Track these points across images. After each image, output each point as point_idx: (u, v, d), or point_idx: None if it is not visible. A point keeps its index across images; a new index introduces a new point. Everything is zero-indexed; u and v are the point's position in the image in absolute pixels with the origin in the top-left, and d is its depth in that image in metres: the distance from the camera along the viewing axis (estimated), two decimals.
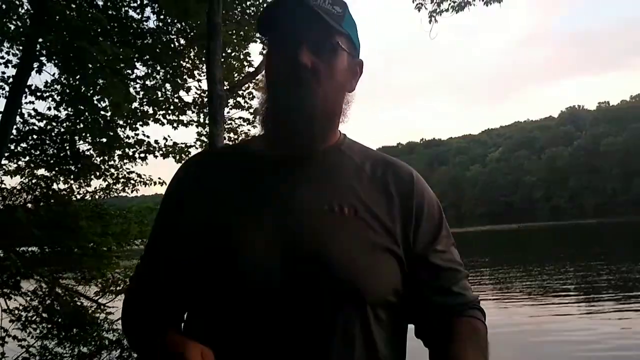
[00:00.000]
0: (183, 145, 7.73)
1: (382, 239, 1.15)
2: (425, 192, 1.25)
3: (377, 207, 1.18)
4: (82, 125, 7.22)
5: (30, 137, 7.17)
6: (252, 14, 7.84)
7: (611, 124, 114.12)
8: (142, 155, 7.56)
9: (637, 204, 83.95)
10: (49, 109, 7.11)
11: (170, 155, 7.66)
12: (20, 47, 6.81)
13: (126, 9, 7.38)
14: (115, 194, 7.93)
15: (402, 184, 1.23)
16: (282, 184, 1.18)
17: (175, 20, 7.53)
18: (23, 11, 6.96)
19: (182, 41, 7.84)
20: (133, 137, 7.53)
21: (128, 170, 7.77)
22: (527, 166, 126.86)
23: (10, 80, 6.83)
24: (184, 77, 7.90)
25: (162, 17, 7.53)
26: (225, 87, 5.41)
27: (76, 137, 7.22)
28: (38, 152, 7.24)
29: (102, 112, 7.18)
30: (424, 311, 1.20)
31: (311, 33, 1.14)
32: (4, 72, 7.11)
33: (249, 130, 8.68)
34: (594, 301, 12.33)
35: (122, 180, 7.75)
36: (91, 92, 6.94)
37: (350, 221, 1.15)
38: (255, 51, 23.17)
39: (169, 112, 7.83)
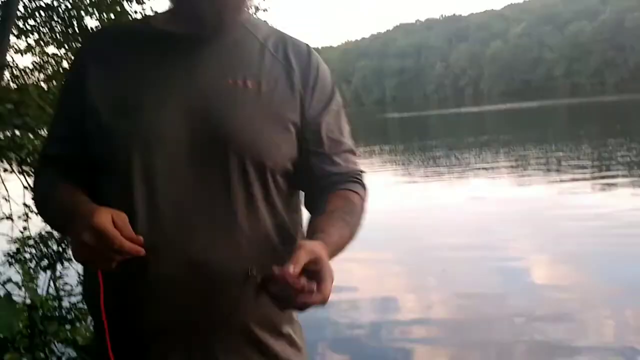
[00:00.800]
0: None
1: (284, 111, 1.23)
2: (319, 65, 1.32)
3: (279, 80, 1.25)
4: (88, 1, 6.99)
5: (37, 14, 6.99)
6: None
7: None
8: None
9: None
10: None
11: None
12: None
13: None
14: None
15: (300, 57, 1.30)
16: (187, 58, 1.22)
17: None
18: None
19: None
20: (141, 12, 7.30)
21: None
22: (549, 42, 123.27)
23: None
24: None
25: None
26: None
27: (83, 13, 7.02)
28: (46, 30, 7.09)
29: None
30: (308, 178, 1.29)
31: None
32: None
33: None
34: (610, 178, 12.35)
35: None
36: None
37: (254, 94, 1.21)
38: None
39: None
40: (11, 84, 6.86)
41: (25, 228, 4.94)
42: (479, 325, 5.06)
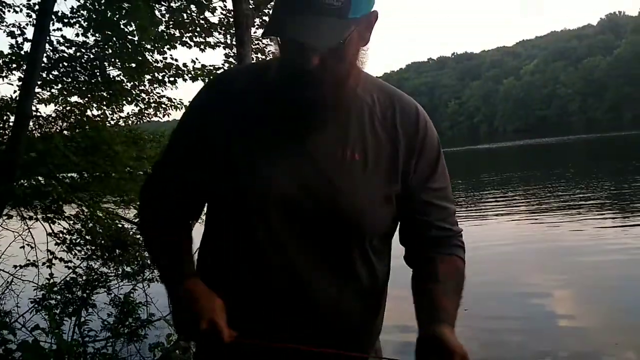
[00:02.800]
0: (211, 68, 7.67)
1: (387, 183, 1.29)
2: (428, 129, 1.35)
3: (385, 151, 1.29)
4: (110, 51, 7.20)
5: (61, 65, 7.19)
6: None
7: None
8: (172, 79, 7.53)
9: None
10: (77, 35, 7.08)
11: (199, 78, 7.61)
12: None
13: None
14: (148, 119, 8.03)
15: (408, 121, 1.33)
16: (301, 125, 1.26)
17: None
18: None
19: None
20: (161, 61, 7.50)
21: (159, 95, 7.80)
22: (563, 78, 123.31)
23: (37, 7, 6.78)
24: None
25: None
26: (251, 6, 5.29)
27: (106, 63, 7.22)
28: (70, 79, 7.28)
29: (129, 37, 7.12)
30: (414, 241, 1.39)
31: (318, 34, 1.12)
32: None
33: (276, 50, 8.51)
34: (630, 216, 12.21)
35: (153, 104, 7.80)
36: (117, 16, 6.86)
37: (361, 167, 1.26)
38: None
39: (196, 34, 7.72)
40: (35, 132, 7.03)
41: (51, 275, 5.02)
42: None
